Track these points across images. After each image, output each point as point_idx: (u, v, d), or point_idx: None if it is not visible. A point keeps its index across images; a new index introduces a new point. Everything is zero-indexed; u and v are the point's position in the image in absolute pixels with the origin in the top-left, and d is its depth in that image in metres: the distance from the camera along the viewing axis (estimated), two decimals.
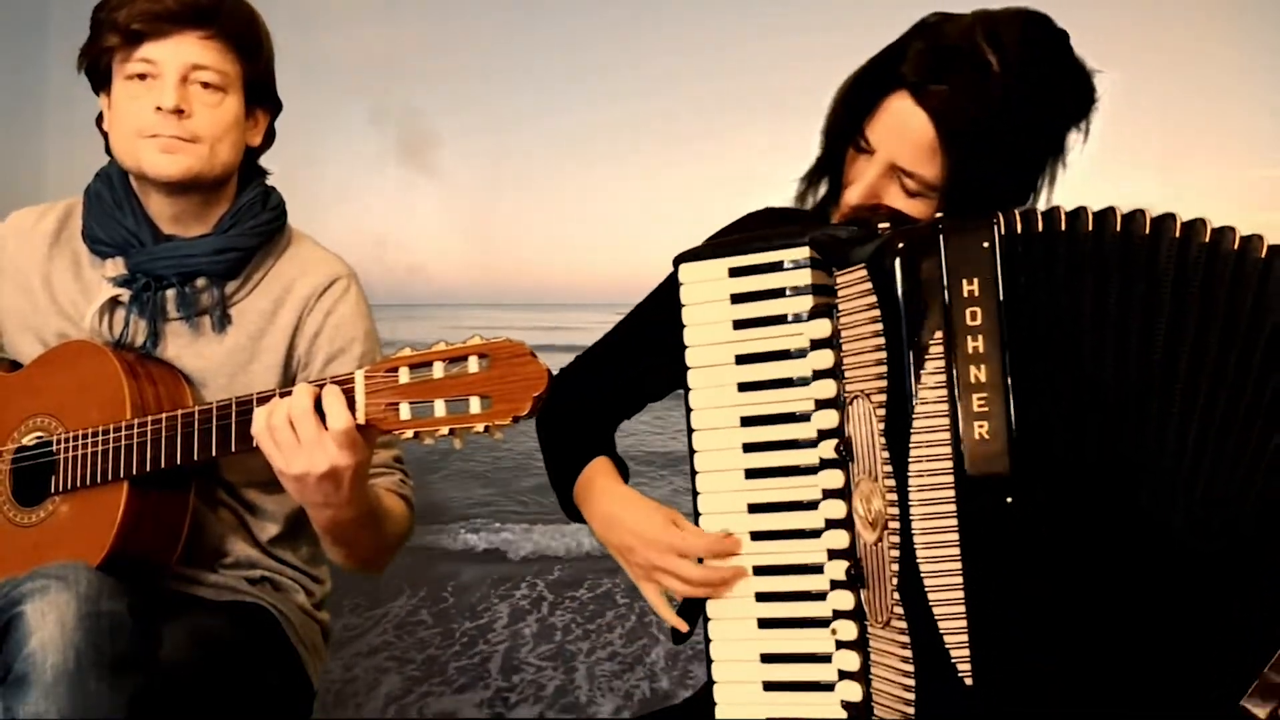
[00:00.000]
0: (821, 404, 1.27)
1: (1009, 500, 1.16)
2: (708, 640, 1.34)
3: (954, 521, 1.17)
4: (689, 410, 1.34)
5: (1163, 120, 2.66)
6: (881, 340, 1.20)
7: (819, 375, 1.27)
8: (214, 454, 1.48)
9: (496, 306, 3.11)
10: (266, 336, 1.66)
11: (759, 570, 1.32)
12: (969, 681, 1.17)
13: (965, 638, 1.17)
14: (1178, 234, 1.18)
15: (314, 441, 1.39)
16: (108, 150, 1.68)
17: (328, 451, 1.39)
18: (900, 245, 1.19)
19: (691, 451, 1.34)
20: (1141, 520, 1.18)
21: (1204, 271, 1.17)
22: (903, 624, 1.20)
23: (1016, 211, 1.19)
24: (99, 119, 1.68)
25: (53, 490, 1.58)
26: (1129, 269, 1.17)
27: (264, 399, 1.44)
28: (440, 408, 1.34)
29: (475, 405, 1.33)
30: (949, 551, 1.17)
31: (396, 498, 1.68)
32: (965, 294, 1.16)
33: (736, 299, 1.31)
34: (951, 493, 1.17)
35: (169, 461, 1.50)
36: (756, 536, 1.32)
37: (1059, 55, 1.33)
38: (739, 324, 1.31)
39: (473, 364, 1.33)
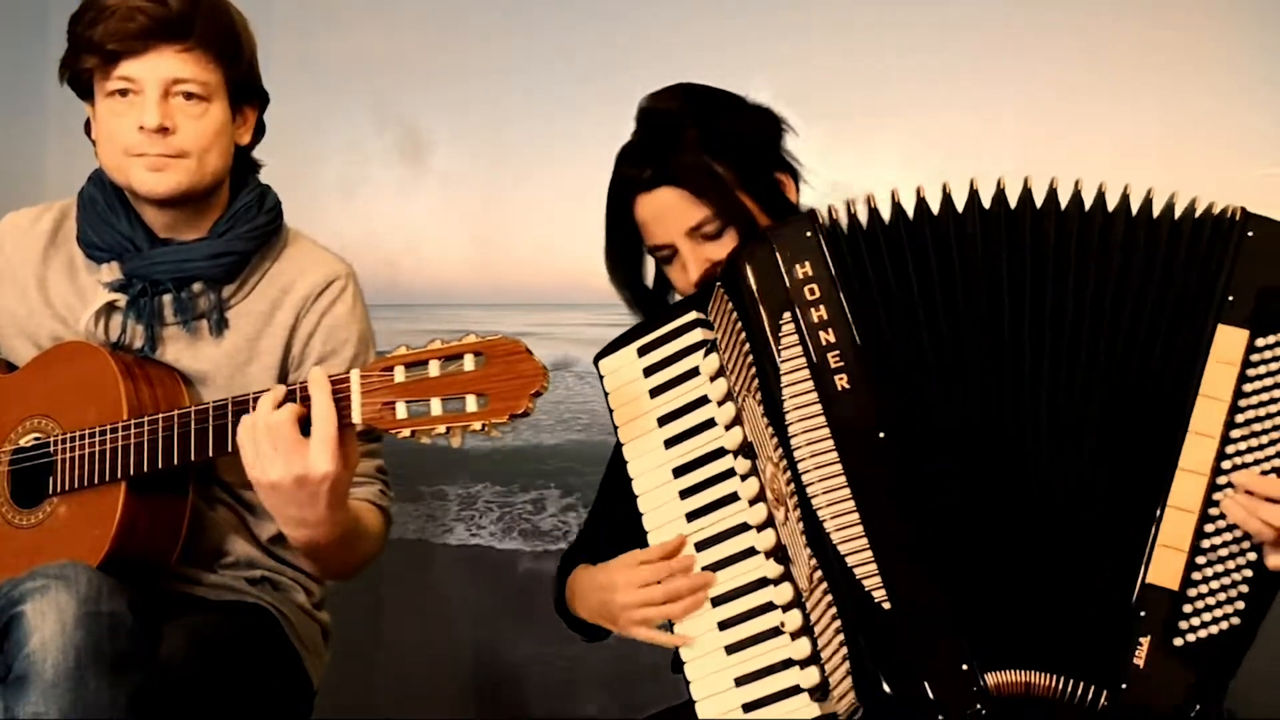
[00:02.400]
0: (729, 426, 1.44)
1: (881, 435, 1.32)
2: (687, 683, 1.44)
3: (839, 469, 1.32)
4: (629, 480, 1.51)
5: (1162, 120, 2.66)
6: (746, 338, 1.39)
7: (721, 402, 1.45)
8: (210, 454, 1.48)
9: (496, 306, 3.11)
10: (264, 338, 1.66)
11: (716, 600, 1.44)
12: (887, 606, 1.29)
13: (874, 567, 1.30)
14: (981, 201, 1.38)
15: (291, 447, 1.38)
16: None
17: (304, 458, 1.38)
18: (740, 254, 1.42)
19: (639, 515, 1.50)
20: (1008, 439, 1.33)
21: (1008, 232, 1.37)
22: (819, 573, 1.32)
23: (831, 205, 1.41)
24: (87, 127, 1.67)
25: (51, 491, 1.58)
26: (939, 233, 1.37)
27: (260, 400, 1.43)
28: (437, 406, 1.34)
29: (472, 404, 1.33)
30: (840, 494, 1.31)
31: (375, 511, 1.68)
32: (801, 275, 1.36)
33: (648, 371, 1.52)
34: (831, 443, 1.32)
35: (166, 462, 1.50)
36: (707, 570, 1.45)
37: (715, 99, 1.58)
38: (654, 391, 1.51)
39: (468, 362, 1.33)
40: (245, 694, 1.62)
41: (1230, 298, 1.33)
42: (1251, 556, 1.29)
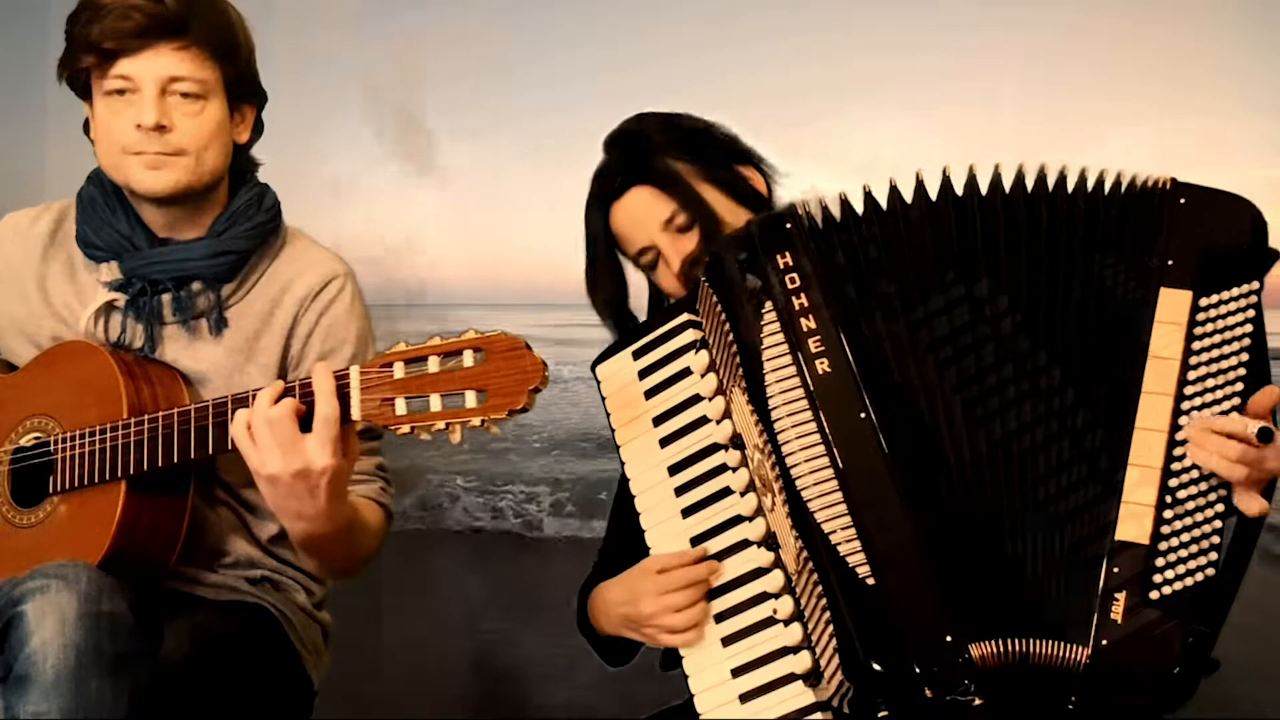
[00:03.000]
0: (720, 419, 1.47)
1: (862, 416, 1.35)
2: (685, 676, 1.47)
3: (822, 449, 1.35)
4: (626, 481, 1.55)
5: (1161, 120, 2.66)
6: (730, 329, 1.42)
7: (712, 397, 1.48)
8: (210, 452, 1.48)
9: (496, 306, 3.11)
10: (263, 337, 1.66)
11: (712, 594, 1.47)
12: (871, 581, 1.31)
13: (858, 544, 1.32)
14: (936, 194, 1.42)
15: (290, 441, 1.39)
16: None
17: (303, 452, 1.38)
18: (721, 246, 1.47)
19: (637, 514, 1.53)
20: (983, 413, 1.36)
21: (981, 217, 1.41)
22: (805, 554, 1.34)
23: (805, 199, 1.46)
24: (86, 127, 1.67)
25: (51, 490, 1.58)
26: (913, 220, 1.42)
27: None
28: (436, 402, 1.34)
29: (471, 399, 1.33)
30: (824, 474, 1.34)
31: (375, 507, 1.68)
32: (781, 265, 1.41)
33: (643, 374, 1.56)
34: (814, 425, 1.35)
35: (166, 460, 1.50)
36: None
37: (672, 115, 1.66)
38: (649, 393, 1.55)
39: (468, 358, 1.33)
40: (245, 694, 1.62)
41: (1170, 261, 1.38)
42: (1219, 508, 1.31)
